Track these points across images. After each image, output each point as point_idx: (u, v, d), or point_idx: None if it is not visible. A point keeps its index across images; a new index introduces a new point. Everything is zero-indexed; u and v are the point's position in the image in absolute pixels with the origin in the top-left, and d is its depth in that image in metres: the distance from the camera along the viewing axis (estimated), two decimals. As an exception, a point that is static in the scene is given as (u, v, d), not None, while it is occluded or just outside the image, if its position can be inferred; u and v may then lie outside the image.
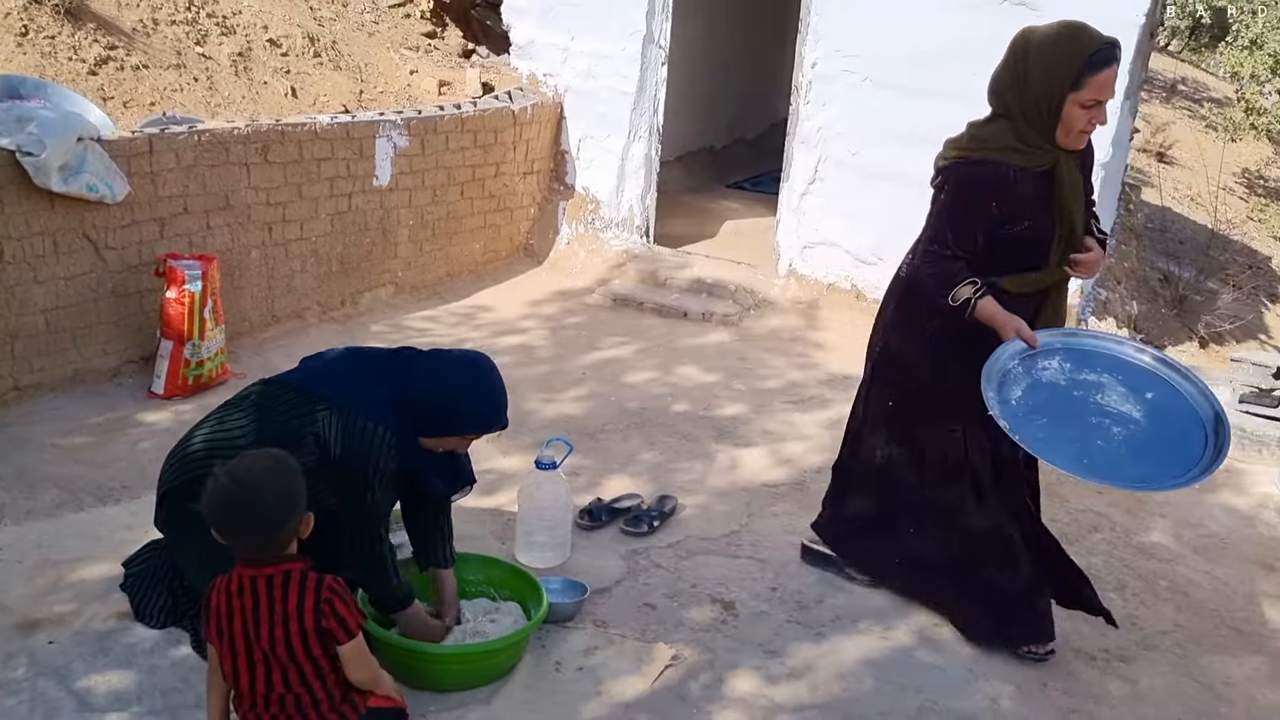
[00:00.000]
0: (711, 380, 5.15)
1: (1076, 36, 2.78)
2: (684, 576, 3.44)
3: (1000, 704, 2.94)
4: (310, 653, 2.18)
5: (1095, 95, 2.76)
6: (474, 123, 5.92)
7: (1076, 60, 2.73)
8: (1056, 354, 2.93)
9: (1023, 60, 2.82)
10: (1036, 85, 2.78)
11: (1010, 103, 2.85)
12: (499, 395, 2.76)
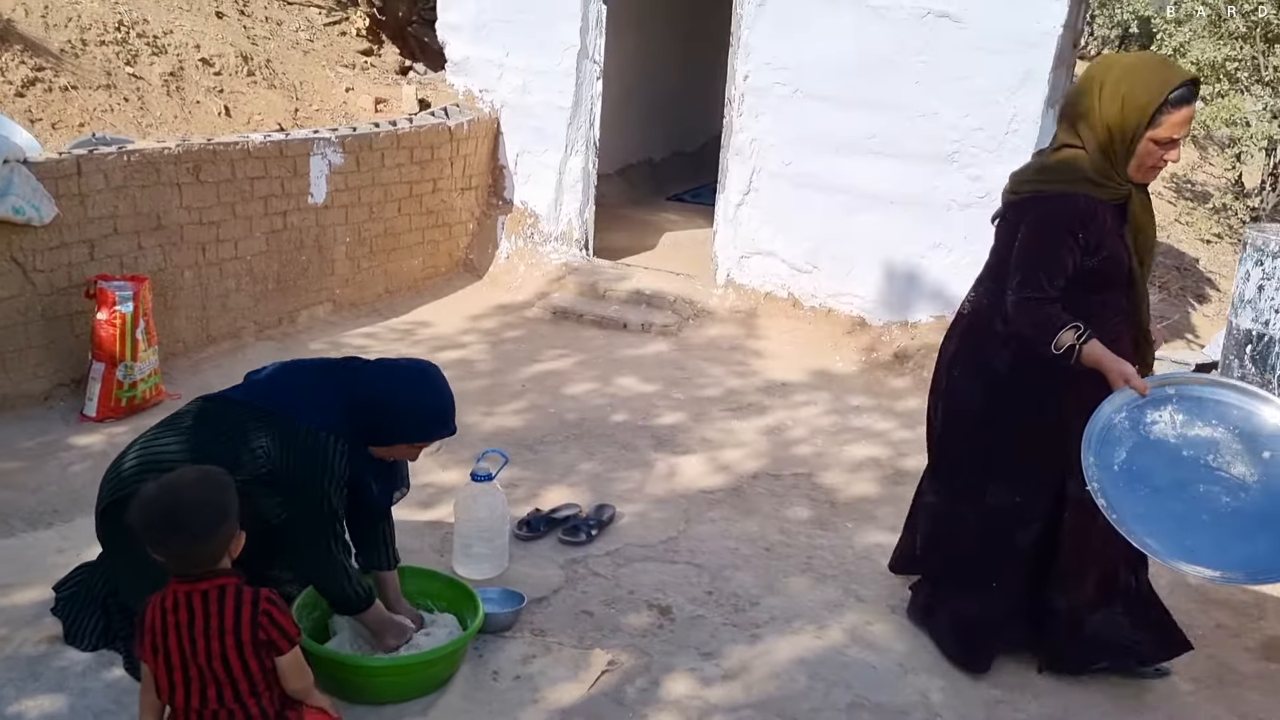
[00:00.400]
0: (650, 390, 5.21)
1: (1158, 71, 2.68)
2: (622, 583, 3.48)
3: (930, 697, 3.01)
4: (247, 667, 2.19)
5: (1172, 133, 2.66)
6: (410, 139, 5.94)
7: (1156, 96, 2.62)
8: (1169, 403, 2.71)
9: (1099, 91, 2.70)
10: (1112, 118, 2.67)
11: (1082, 133, 2.74)
12: (448, 403, 2.80)
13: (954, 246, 5.84)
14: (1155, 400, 2.68)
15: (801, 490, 4.32)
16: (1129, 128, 2.65)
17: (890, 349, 5.90)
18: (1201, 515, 2.56)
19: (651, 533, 3.84)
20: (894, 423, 5.13)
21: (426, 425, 2.75)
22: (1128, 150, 2.68)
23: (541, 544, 3.68)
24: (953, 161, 5.73)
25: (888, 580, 3.64)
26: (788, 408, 5.18)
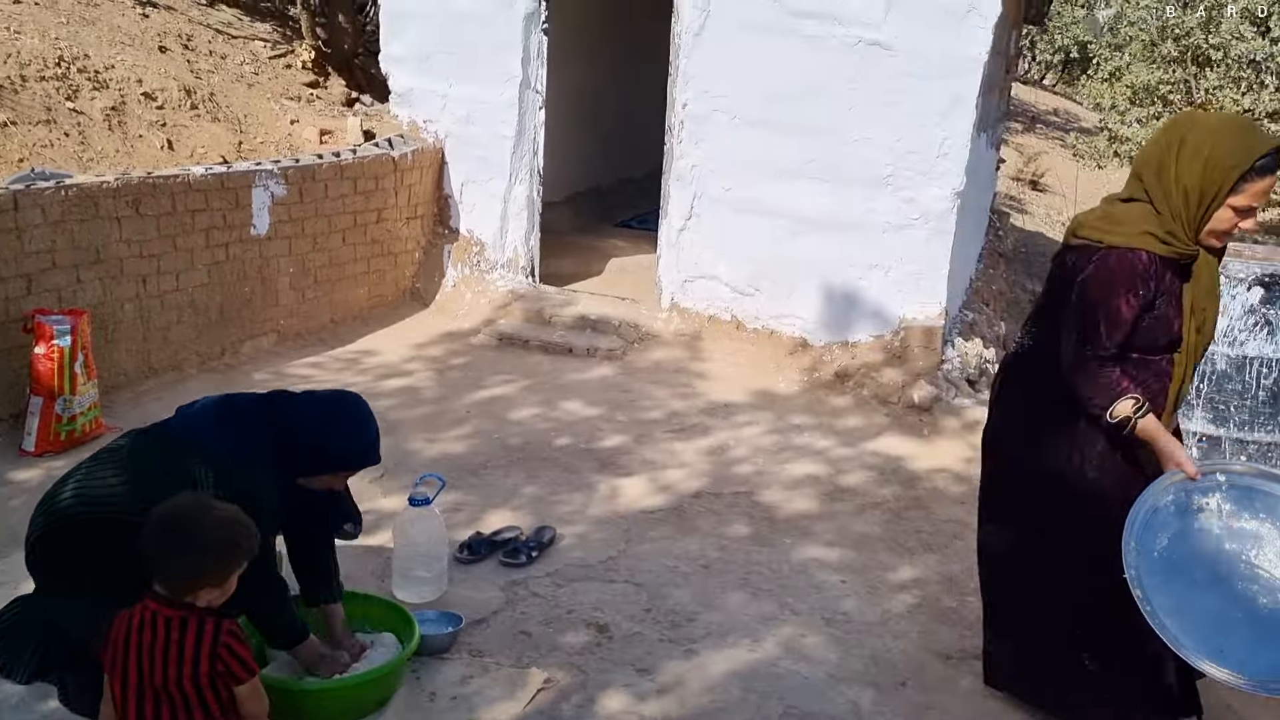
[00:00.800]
0: (594, 414, 5.27)
1: (1244, 137, 2.56)
2: (561, 603, 3.53)
3: (861, 705, 3.09)
4: (203, 696, 2.22)
5: (1252, 201, 2.55)
6: (353, 170, 5.99)
7: (1243, 162, 2.51)
8: (1217, 491, 2.63)
9: (1178, 149, 2.57)
10: (1191, 180, 2.54)
11: (1154, 189, 2.61)
12: (369, 432, 2.82)
13: (891, 267, 5.97)
14: (1204, 487, 2.60)
15: (741, 508, 4.39)
16: (1209, 192, 2.54)
17: (831, 369, 6.00)
18: (1236, 614, 2.51)
19: (592, 553, 3.90)
20: (834, 440, 5.23)
21: (349, 455, 2.78)
22: (1204, 214, 2.57)
23: (482, 566, 3.72)
24: (887, 184, 5.87)
25: (821, 594, 3.72)
26: (730, 428, 5.26)
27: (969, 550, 4.16)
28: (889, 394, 5.76)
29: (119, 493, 2.60)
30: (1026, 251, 11.12)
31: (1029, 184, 14.89)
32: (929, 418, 5.56)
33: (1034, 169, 15.05)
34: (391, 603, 3.15)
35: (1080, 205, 14.04)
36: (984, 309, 7.23)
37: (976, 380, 6.12)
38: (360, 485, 4.26)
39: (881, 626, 3.55)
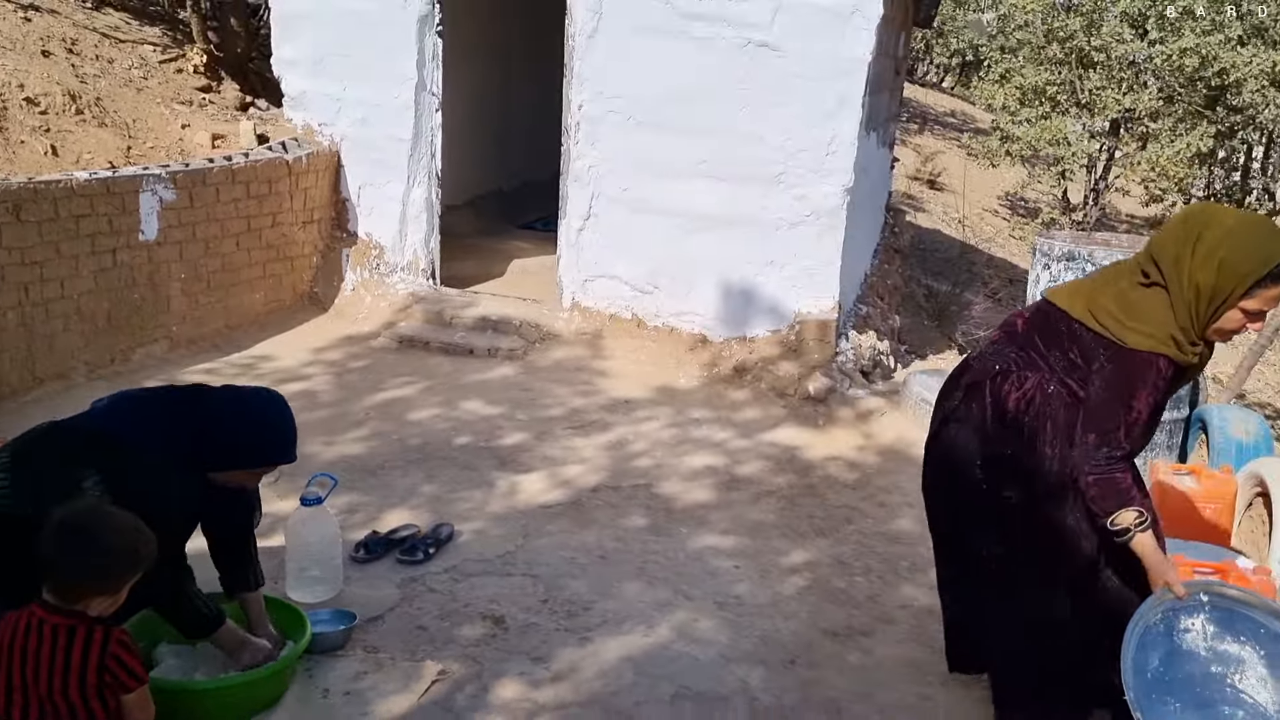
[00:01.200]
0: (495, 412, 5.30)
1: (1264, 242, 2.48)
2: (458, 598, 3.56)
3: (750, 682, 3.18)
4: (89, 705, 2.21)
5: (1264, 306, 2.52)
6: (245, 174, 5.92)
7: (1259, 268, 2.45)
8: (1201, 611, 2.63)
9: (1194, 244, 2.51)
10: (1204, 279, 2.49)
11: (1170, 279, 2.55)
12: (285, 430, 2.82)
13: (786, 263, 6.11)
14: (1189, 607, 2.60)
15: (639, 500, 4.47)
16: (1221, 294, 2.49)
17: (730, 363, 6.12)
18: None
19: (490, 548, 3.93)
20: (732, 432, 5.34)
21: (264, 451, 2.78)
22: (1213, 313, 2.52)
23: (378, 565, 3.73)
24: (780, 182, 6.01)
25: (715, 580, 3.81)
26: (630, 423, 5.34)
27: (859, 533, 4.33)
28: (786, 386, 5.90)
29: (8, 489, 2.56)
30: (924, 248, 11.45)
31: (927, 183, 15.31)
32: (824, 408, 5.71)
33: (931, 168, 15.47)
34: (283, 601, 3.15)
35: (971, 203, 14.51)
36: (879, 303, 7.43)
37: (870, 371, 6.30)
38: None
39: (772, 608, 3.65)
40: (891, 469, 5.05)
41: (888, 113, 8.18)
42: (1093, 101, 13.67)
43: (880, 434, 5.47)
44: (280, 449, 2.82)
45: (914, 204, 13.82)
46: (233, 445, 2.72)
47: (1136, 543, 2.57)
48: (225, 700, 2.75)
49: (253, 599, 2.98)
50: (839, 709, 3.08)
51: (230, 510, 2.94)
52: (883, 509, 4.59)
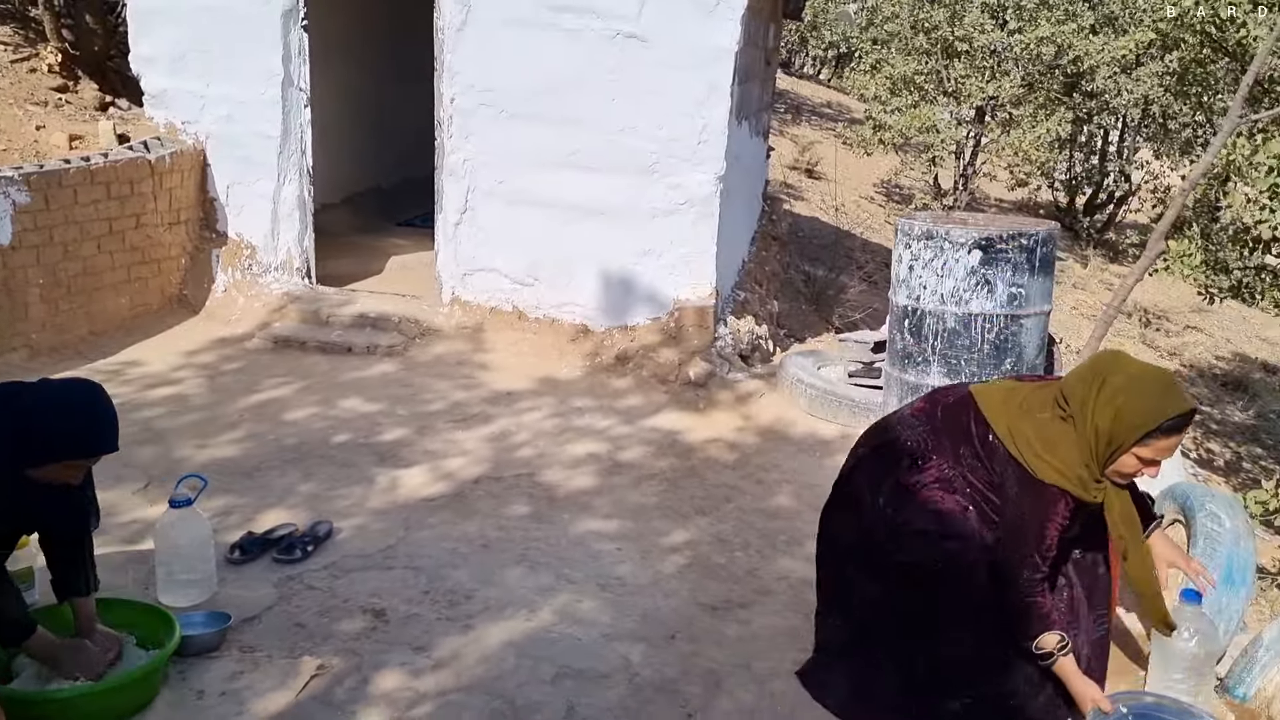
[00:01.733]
0: (374, 409, 5.25)
1: (1158, 397, 2.60)
2: (337, 594, 3.53)
3: (631, 659, 3.24)
4: None
5: (1157, 455, 2.63)
6: (105, 174, 5.73)
7: (1151, 421, 2.57)
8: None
9: (1100, 389, 2.64)
10: (1103, 423, 2.62)
11: (1078, 418, 2.67)
12: (100, 415, 2.68)
13: (663, 252, 6.19)
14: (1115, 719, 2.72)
15: (522, 489, 4.49)
16: (1116, 440, 2.62)
17: (612, 352, 6.18)
18: None
19: (370, 543, 3.90)
20: (614, 419, 5.40)
21: (71, 442, 2.63)
22: (1110, 455, 2.65)
23: (254, 566, 3.67)
24: (654, 172, 6.08)
25: (597, 562, 3.86)
26: (512, 415, 5.35)
27: (739, 511, 4.43)
28: (667, 373, 5.99)
29: None
30: (802, 235, 11.70)
31: (805, 172, 15.63)
32: (704, 392, 5.81)
33: (809, 158, 15.80)
34: (149, 604, 3.08)
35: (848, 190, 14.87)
36: (757, 289, 7.58)
37: (749, 355, 6.43)
38: (124, 496, 4.14)
39: (654, 587, 3.71)
40: (770, 448, 5.18)
41: (759, 103, 8.34)
42: (959, 90, 14.16)
43: (759, 415, 5.60)
44: (97, 436, 2.65)
45: (793, 193, 14.10)
46: (46, 436, 2.58)
47: (1059, 666, 2.70)
48: (89, 708, 2.68)
49: (82, 603, 2.88)
50: (718, 680, 3.16)
51: (57, 511, 2.81)
52: (761, 486, 4.70)
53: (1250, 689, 3.19)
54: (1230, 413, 11.58)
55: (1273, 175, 5.81)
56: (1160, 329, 14.31)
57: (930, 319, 4.66)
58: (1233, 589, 3.26)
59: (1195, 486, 3.64)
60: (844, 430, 5.31)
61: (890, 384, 4.94)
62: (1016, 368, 4.64)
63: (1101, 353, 2.83)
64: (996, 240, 4.51)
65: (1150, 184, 15.80)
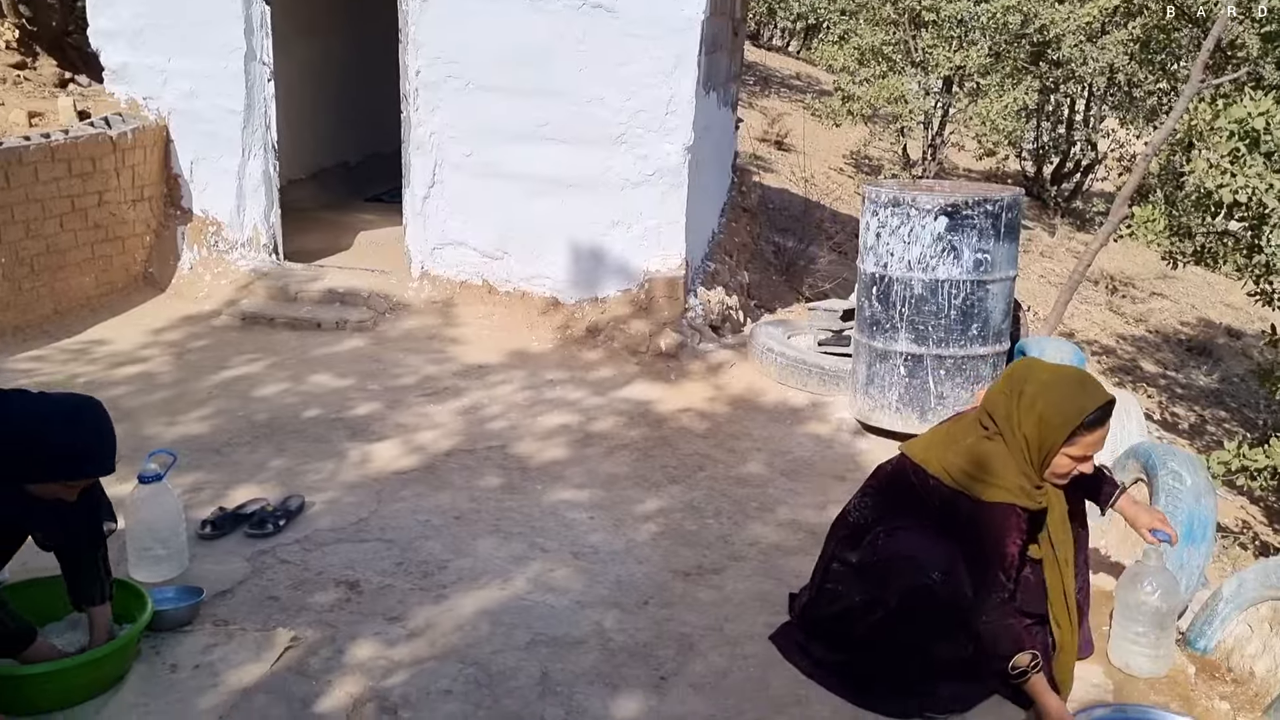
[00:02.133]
0: (345, 384, 5.23)
1: (1073, 396, 2.70)
2: (310, 567, 3.53)
3: (605, 625, 3.26)
4: None
5: (1085, 451, 2.73)
6: (66, 151, 5.66)
7: (1072, 420, 2.67)
8: None
9: (1019, 400, 2.74)
10: (1029, 431, 2.71)
11: (1005, 431, 2.77)
12: (95, 437, 2.66)
13: (632, 223, 6.19)
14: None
15: (494, 461, 4.50)
16: (1045, 444, 2.70)
17: (583, 325, 6.18)
18: None
19: (342, 517, 3.91)
20: (585, 391, 5.41)
21: (78, 463, 2.62)
22: (1043, 460, 2.74)
23: (227, 541, 3.67)
24: (622, 143, 6.07)
25: (570, 531, 3.88)
26: (484, 388, 5.35)
27: (710, 479, 4.46)
28: (638, 344, 6.00)
29: None
30: (772, 206, 11.71)
31: (774, 144, 15.64)
32: (675, 363, 5.83)
33: (778, 130, 15.80)
34: (120, 579, 3.07)
35: (817, 162, 14.88)
36: (727, 259, 7.60)
37: (720, 326, 6.46)
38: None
39: (627, 554, 3.74)
40: (741, 417, 5.21)
41: (728, 73, 8.32)
42: (926, 60, 14.20)
43: (730, 385, 5.63)
44: (87, 458, 2.65)
45: (762, 165, 14.10)
46: (46, 458, 2.57)
47: (1032, 685, 2.74)
48: (61, 684, 2.68)
49: (95, 613, 2.86)
50: (691, 643, 3.19)
51: (60, 522, 2.77)
52: (733, 455, 4.74)
53: (1210, 641, 3.27)
54: (1195, 377, 11.74)
55: (1233, 140, 5.89)
56: (1126, 296, 14.47)
57: (898, 286, 4.69)
58: (1194, 545, 3.33)
59: (1157, 445, 3.71)
60: (814, 398, 5.36)
61: (859, 351, 4.98)
62: (983, 333, 4.69)
63: (1014, 364, 2.91)
64: (962, 206, 4.54)
65: (1116, 152, 15.93)
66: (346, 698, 2.82)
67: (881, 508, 3.00)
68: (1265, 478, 6.01)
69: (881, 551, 2.90)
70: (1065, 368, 2.80)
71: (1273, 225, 5.97)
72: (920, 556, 2.81)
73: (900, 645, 2.89)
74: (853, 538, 3.03)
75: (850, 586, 2.98)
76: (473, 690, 2.88)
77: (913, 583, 2.79)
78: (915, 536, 2.87)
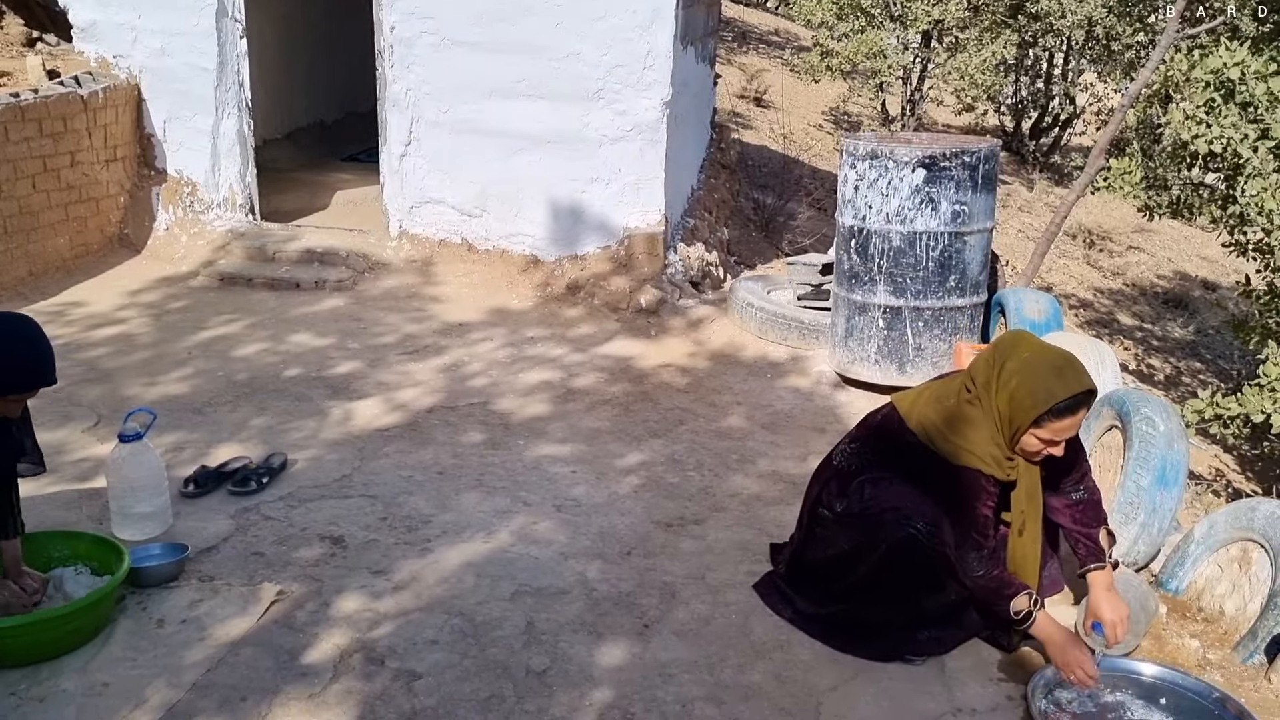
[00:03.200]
0: (325, 343, 5.23)
1: (1048, 380, 2.67)
2: (295, 523, 3.55)
3: (588, 575, 3.30)
4: None
5: (1054, 435, 2.71)
6: (36, 111, 5.58)
7: (1042, 405, 2.65)
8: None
9: (1000, 372, 2.73)
10: (1002, 406, 2.72)
11: (984, 399, 2.76)
12: (39, 350, 2.68)
13: (611, 179, 6.18)
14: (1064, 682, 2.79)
15: (476, 418, 4.51)
16: (1015, 421, 2.70)
17: (563, 282, 6.18)
18: None
19: (325, 474, 3.92)
20: (567, 348, 5.42)
21: (20, 374, 2.63)
22: (1012, 436, 2.73)
23: (210, 499, 3.68)
24: (599, 98, 6.04)
25: (553, 485, 3.91)
26: (464, 346, 5.36)
27: (692, 433, 4.50)
28: (618, 301, 6.01)
29: None
30: (751, 163, 11.68)
31: (753, 100, 15.55)
32: (656, 319, 5.85)
33: (757, 86, 15.71)
34: (102, 537, 3.08)
35: (796, 118, 14.83)
36: (706, 216, 7.59)
37: (700, 282, 6.47)
38: (74, 434, 4.12)
39: (609, 506, 3.78)
40: (721, 371, 5.24)
41: (705, 28, 8.26)
42: (905, 14, 14.11)
43: (710, 340, 5.65)
44: (40, 369, 2.66)
45: (741, 121, 14.04)
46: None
47: (1037, 625, 2.75)
48: (38, 636, 2.69)
49: (8, 546, 2.89)
50: (673, 591, 3.24)
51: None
52: (714, 409, 4.77)
53: (1182, 582, 3.34)
54: (1171, 329, 11.85)
55: (1209, 90, 5.91)
56: (1103, 249, 14.54)
57: (876, 238, 4.71)
58: (1166, 489, 3.38)
59: (1131, 392, 3.75)
60: (794, 352, 5.39)
61: (838, 304, 5.00)
62: (961, 285, 4.72)
63: (1004, 334, 2.89)
64: (940, 158, 4.55)
65: (1094, 106, 15.94)
66: (334, 649, 2.85)
67: (867, 456, 3.03)
68: (1238, 426, 6.09)
69: (868, 500, 2.94)
70: (1052, 348, 2.78)
71: (1247, 176, 6.01)
72: (905, 507, 2.84)
73: (888, 595, 2.94)
74: (839, 483, 3.06)
75: (837, 534, 3.02)
76: (459, 640, 2.92)
77: (899, 534, 2.82)
78: (901, 487, 2.90)
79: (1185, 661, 3.00)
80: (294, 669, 2.77)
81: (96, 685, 2.67)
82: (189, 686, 2.68)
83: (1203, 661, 3.02)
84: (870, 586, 2.94)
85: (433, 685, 2.72)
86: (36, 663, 2.70)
